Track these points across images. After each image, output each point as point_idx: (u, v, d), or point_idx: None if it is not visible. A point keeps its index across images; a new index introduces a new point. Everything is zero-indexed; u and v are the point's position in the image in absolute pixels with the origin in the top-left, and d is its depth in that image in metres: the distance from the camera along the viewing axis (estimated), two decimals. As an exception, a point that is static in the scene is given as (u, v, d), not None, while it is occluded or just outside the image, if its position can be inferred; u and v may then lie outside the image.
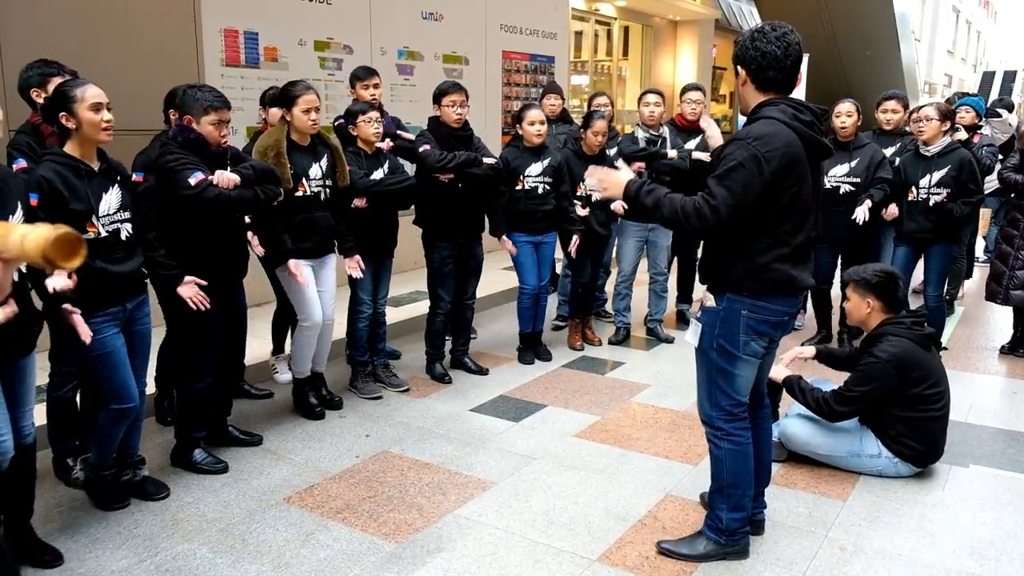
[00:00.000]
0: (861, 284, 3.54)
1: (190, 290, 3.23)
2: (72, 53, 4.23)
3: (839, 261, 5.46)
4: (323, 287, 4.08)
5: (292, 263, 3.81)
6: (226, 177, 3.28)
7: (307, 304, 3.98)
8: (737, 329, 2.62)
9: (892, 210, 5.09)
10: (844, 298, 3.67)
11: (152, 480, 3.34)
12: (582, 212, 4.99)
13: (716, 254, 2.65)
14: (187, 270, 3.25)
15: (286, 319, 4.56)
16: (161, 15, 5.21)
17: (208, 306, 3.27)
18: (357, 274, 4.12)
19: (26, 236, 0.93)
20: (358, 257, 4.12)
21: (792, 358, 3.72)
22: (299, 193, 3.83)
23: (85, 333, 2.75)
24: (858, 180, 5.10)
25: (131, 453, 3.26)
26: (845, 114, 5.13)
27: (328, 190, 3.97)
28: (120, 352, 2.96)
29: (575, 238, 4.97)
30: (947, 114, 4.96)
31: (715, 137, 3.46)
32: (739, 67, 2.61)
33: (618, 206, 5.16)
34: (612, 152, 5.35)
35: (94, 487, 3.20)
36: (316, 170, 3.91)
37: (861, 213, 4.94)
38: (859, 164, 5.12)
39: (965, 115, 6.40)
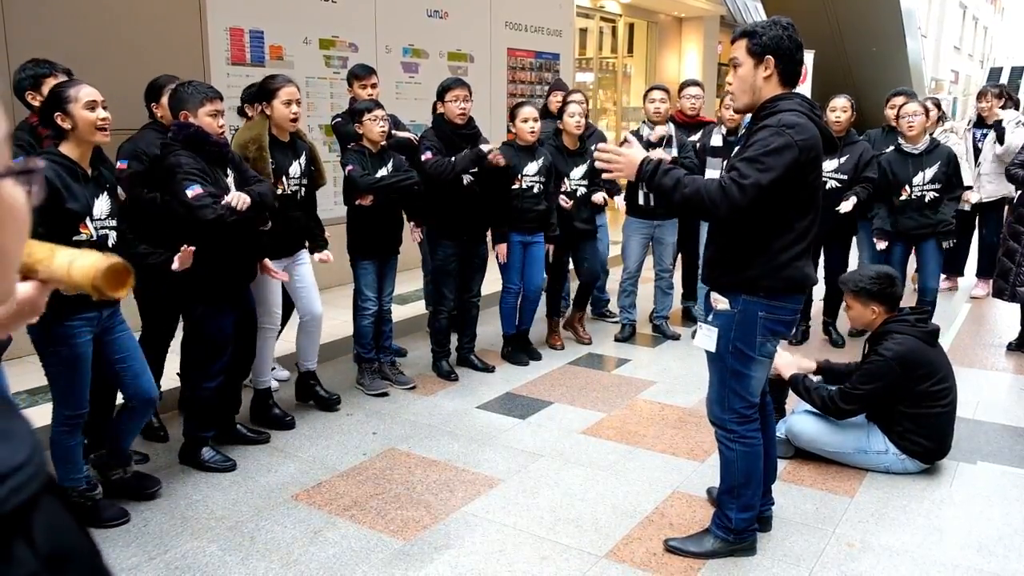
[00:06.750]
0: (863, 294, 3.52)
1: (185, 257, 3.14)
2: (77, 52, 4.24)
3: (821, 254, 5.45)
4: (301, 283, 4.04)
5: (268, 262, 3.76)
6: (241, 199, 3.24)
7: (272, 306, 3.92)
8: (754, 331, 2.58)
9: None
10: (847, 306, 3.65)
11: (140, 474, 3.29)
12: (566, 204, 4.97)
13: (730, 252, 2.59)
14: (199, 275, 3.24)
15: (286, 315, 4.55)
16: (166, 14, 5.22)
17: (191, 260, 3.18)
18: (328, 259, 4.11)
19: (73, 263, 0.91)
20: (327, 252, 4.11)
21: (790, 368, 3.56)
22: (277, 191, 3.77)
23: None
24: (845, 177, 5.07)
25: (122, 453, 3.20)
26: (840, 109, 5.10)
27: (304, 189, 3.96)
28: (87, 362, 2.90)
29: (549, 248, 5.01)
30: (928, 109, 5.05)
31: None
32: (769, 57, 2.48)
33: (599, 197, 5.16)
34: (593, 148, 5.34)
35: (83, 511, 3.02)
36: (295, 168, 3.89)
37: (846, 205, 4.93)
38: (848, 161, 5.08)
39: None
